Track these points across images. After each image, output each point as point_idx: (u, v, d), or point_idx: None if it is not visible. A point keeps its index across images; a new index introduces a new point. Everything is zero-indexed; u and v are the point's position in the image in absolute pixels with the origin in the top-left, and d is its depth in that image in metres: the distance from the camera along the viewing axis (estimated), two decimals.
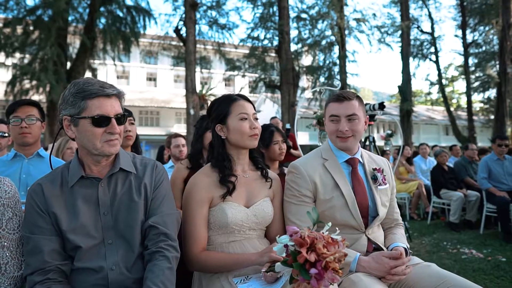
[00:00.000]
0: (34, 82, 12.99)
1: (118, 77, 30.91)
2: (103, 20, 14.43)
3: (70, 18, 13.95)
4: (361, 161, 2.02)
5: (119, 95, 1.48)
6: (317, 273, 1.22)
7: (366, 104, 5.05)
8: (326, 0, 18.10)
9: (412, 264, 1.79)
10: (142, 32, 15.26)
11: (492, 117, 23.03)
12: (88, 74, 15.08)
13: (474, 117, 20.68)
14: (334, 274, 1.25)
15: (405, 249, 1.87)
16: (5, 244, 1.43)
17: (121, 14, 14.64)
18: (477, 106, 23.76)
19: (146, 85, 31.64)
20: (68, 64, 13.79)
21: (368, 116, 2.06)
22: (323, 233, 1.31)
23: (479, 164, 5.88)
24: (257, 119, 1.82)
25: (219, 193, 1.71)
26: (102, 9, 14.01)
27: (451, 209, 6.17)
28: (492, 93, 21.06)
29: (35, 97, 12.59)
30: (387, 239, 1.99)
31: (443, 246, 5.09)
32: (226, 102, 1.79)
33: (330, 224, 1.39)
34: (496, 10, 17.35)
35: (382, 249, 1.89)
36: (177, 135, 3.80)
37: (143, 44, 18.00)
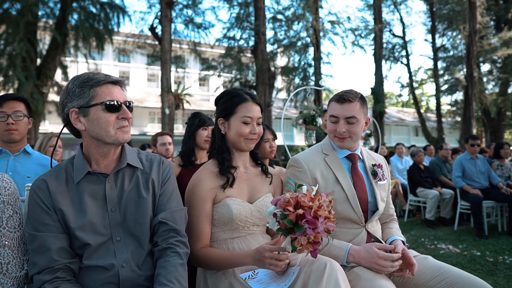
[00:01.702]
0: (1, 79, 12.46)
1: None
2: (75, 16, 13.98)
3: (40, 13, 13.45)
4: (361, 157, 2.06)
5: (123, 84, 1.46)
6: (309, 221, 1.27)
7: None
8: (301, 2, 18.30)
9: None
10: (116, 29, 14.92)
11: (459, 118, 23.99)
12: (59, 71, 14.63)
13: (443, 119, 21.41)
14: (328, 223, 1.31)
15: (402, 241, 1.93)
16: (6, 243, 1.36)
17: (94, 10, 14.24)
18: (445, 108, 24.61)
19: None
20: (38, 61, 13.29)
21: (369, 117, 2.10)
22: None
23: (454, 164, 6.10)
24: (259, 124, 1.80)
25: (219, 184, 1.71)
26: (74, 4, 13.58)
27: (427, 207, 6.37)
28: (459, 96, 21.92)
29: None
30: (384, 233, 2.04)
31: (421, 242, 5.25)
32: (235, 101, 1.77)
33: (305, 185, 1.45)
34: (464, 17, 18.06)
35: (381, 243, 1.93)
36: (163, 133, 3.74)
37: (117, 42, 17.58)
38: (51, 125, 24.00)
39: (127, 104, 1.42)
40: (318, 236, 1.30)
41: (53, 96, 14.80)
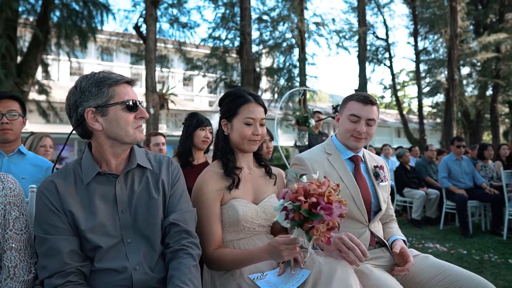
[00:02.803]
0: None
1: (71, 74, 29.51)
2: (57, 13, 13.69)
3: (20, 9, 13.12)
4: (363, 159, 2.08)
5: (135, 84, 1.45)
6: (324, 207, 1.26)
7: (336, 106, 5.20)
8: (287, 3, 18.37)
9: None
10: (99, 27, 14.67)
11: (439, 120, 24.51)
12: (40, 69, 14.30)
13: (424, 120, 21.83)
14: (342, 206, 1.30)
15: (404, 241, 1.97)
16: (13, 246, 1.33)
17: (77, 8, 13.97)
18: (426, 110, 25.10)
19: None
20: (19, 58, 12.95)
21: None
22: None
23: (440, 164, 6.24)
24: (263, 125, 1.80)
25: (225, 185, 1.71)
26: (56, 1, 13.29)
27: (413, 207, 6.49)
28: (440, 98, 22.40)
29: None
30: (385, 232, 2.07)
31: (409, 241, 5.34)
32: (238, 102, 1.76)
33: (306, 174, 1.46)
34: (445, 21, 18.46)
35: (384, 243, 1.97)
36: (156, 134, 3.70)
37: (100, 40, 17.29)
38: (31, 124, 23.43)
39: (141, 103, 1.40)
40: (335, 221, 1.29)
41: (34, 95, 14.46)
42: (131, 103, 1.36)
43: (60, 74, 28.02)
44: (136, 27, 14.74)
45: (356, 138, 1.97)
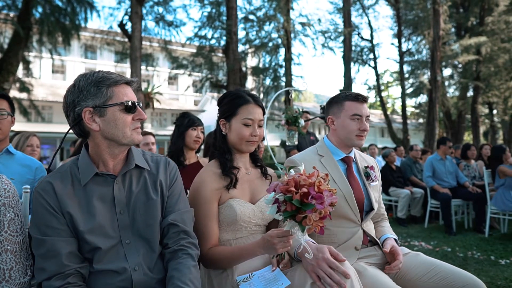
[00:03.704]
0: None
1: (53, 71, 28.95)
2: (39, 9, 13.41)
3: (0, 4, 12.81)
4: (354, 159, 2.12)
5: (134, 84, 1.44)
6: (315, 196, 1.27)
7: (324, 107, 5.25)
8: (273, 3, 18.41)
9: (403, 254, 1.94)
10: (83, 25, 14.43)
11: (421, 120, 24.95)
12: (21, 67, 13.99)
13: (408, 121, 22.19)
14: (332, 194, 1.31)
15: (395, 239, 2.02)
16: (8, 248, 1.30)
17: (60, 4, 13.71)
18: (409, 110, 25.53)
19: None
20: None
21: None
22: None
23: (425, 164, 6.37)
24: (261, 126, 1.81)
25: (223, 184, 1.72)
26: None
27: (399, 206, 6.60)
28: (423, 98, 22.81)
29: None
30: (377, 231, 2.12)
31: None
32: (237, 102, 1.77)
33: (302, 165, 1.46)
34: (428, 23, 18.80)
35: (376, 241, 2.01)
36: (146, 133, 3.67)
37: (84, 38, 17.03)
38: None
39: (139, 104, 1.40)
40: (327, 210, 1.29)
41: (14, 93, 14.13)
42: (129, 104, 1.35)
43: (42, 72, 27.49)
44: (121, 25, 14.56)
45: (361, 136, 2.03)
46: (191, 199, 1.72)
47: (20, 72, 14.51)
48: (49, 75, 29.09)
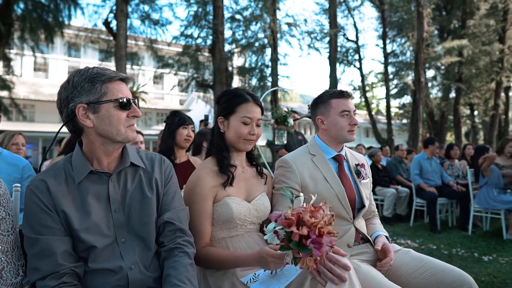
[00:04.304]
0: None
1: (35, 69, 28.37)
2: (21, 5, 13.12)
3: None
4: (345, 157, 2.14)
5: (129, 81, 1.42)
6: (314, 241, 1.25)
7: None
8: (259, 2, 18.42)
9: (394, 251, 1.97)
10: (67, 22, 14.17)
11: (405, 121, 25.32)
12: (1, 64, 13.67)
13: (392, 121, 22.48)
14: (331, 237, 1.29)
15: (386, 237, 2.05)
16: None
17: (43, 0, 13.44)
18: (394, 111, 25.87)
19: None
20: None
21: None
22: (303, 205, 1.35)
23: (412, 163, 6.48)
24: (259, 125, 1.81)
25: (219, 182, 1.72)
26: None
27: (385, 205, 6.69)
28: (407, 99, 23.15)
29: None
30: (368, 229, 2.15)
31: None
32: (236, 100, 1.77)
33: (302, 194, 1.45)
34: (412, 25, 19.10)
35: (368, 239, 2.03)
36: None
37: (68, 35, 16.73)
38: None
39: (134, 101, 1.38)
40: (323, 255, 1.27)
41: None
42: (124, 100, 1.34)
43: (24, 70, 26.92)
44: (106, 23, 14.35)
45: (352, 131, 2.05)
46: (187, 195, 1.71)
47: (0, 69, 14.17)
48: (31, 73, 28.50)
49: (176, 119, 2.82)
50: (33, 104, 25.66)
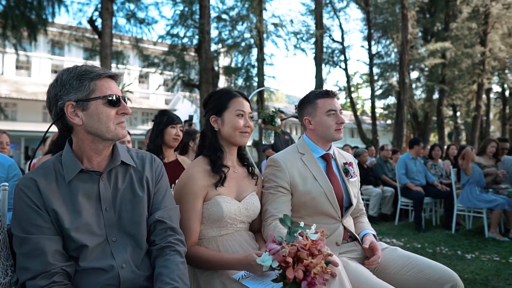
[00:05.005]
0: None
1: (17, 68, 27.80)
2: (3, 2, 12.83)
3: None
4: (333, 156, 2.16)
5: (118, 78, 1.41)
6: (308, 282, 1.25)
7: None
8: (246, 2, 18.42)
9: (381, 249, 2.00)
10: (50, 20, 13.92)
11: (390, 121, 25.67)
12: None
13: (377, 121, 22.77)
14: (324, 275, 1.28)
15: (374, 235, 2.08)
16: None
17: None
18: (378, 111, 26.20)
19: (51, 78, 28.90)
20: None
21: None
22: (304, 233, 1.32)
23: (398, 162, 6.57)
24: (252, 117, 1.85)
25: (211, 182, 1.72)
26: None
27: (370, 204, 6.78)
28: (391, 100, 23.49)
29: None
30: (356, 227, 2.18)
31: None
32: (226, 97, 1.80)
33: (303, 223, 1.41)
34: (397, 27, 19.40)
35: (355, 237, 2.06)
36: None
37: (51, 33, 16.43)
38: None
39: (124, 98, 1.37)
40: None
41: None
42: (113, 98, 1.33)
43: (6, 67, 26.36)
44: (91, 21, 14.14)
45: (339, 130, 2.08)
46: (177, 193, 1.71)
47: None
48: (13, 71, 27.93)
49: (164, 118, 2.80)
50: (15, 102, 25.13)
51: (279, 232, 1.63)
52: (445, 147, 8.39)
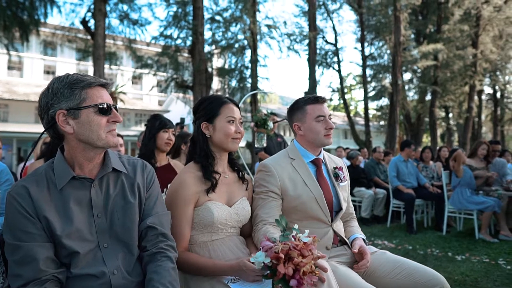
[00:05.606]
0: None
1: (9, 68, 27.57)
2: None
3: None
4: (323, 161, 2.19)
5: (109, 87, 1.43)
6: (297, 281, 1.31)
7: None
8: (239, 4, 18.44)
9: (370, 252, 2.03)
10: (43, 20, 13.84)
11: (383, 123, 25.82)
12: None
13: (370, 123, 22.89)
14: (312, 277, 1.34)
15: (363, 239, 2.11)
16: None
17: None
18: (371, 113, 26.34)
19: (43, 79, 28.72)
20: None
21: None
22: (296, 234, 1.40)
23: (390, 165, 6.61)
24: (242, 123, 1.87)
25: (203, 188, 1.74)
26: None
27: (363, 206, 6.82)
28: (384, 101, 23.63)
29: None
30: (346, 231, 2.20)
31: None
32: (217, 103, 1.82)
33: (297, 226, 1.49)
34: (389, 29, 19.53)
35: (345, 241, 2.09)
36: None
37: (44, 34, 16.32)
38: None
39: (115, 107, 1.39)
40: None
41: None
42: (104, 106, 1.34)
43: None
44: (84, 22, 14.08)
45: (329, 135, 2.11)
46: (169, 199, 1.73)
47: None
48: (5, 72, 27.70)
49: (156, 123, 2.81)
50: (6, 103, 24.92)
51: (270, 236, 1.66)
52: (437, 148, 8.45)
